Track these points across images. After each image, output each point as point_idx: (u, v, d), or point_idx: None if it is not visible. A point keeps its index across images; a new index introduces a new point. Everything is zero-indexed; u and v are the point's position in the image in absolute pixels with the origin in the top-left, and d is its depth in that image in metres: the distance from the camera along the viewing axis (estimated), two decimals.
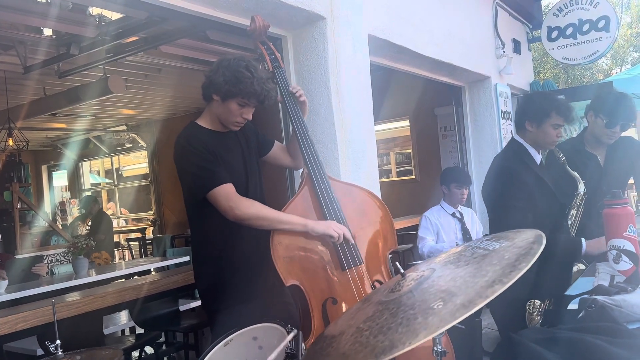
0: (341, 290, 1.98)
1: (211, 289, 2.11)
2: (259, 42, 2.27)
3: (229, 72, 1.97)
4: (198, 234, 2.16)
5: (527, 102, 2.55)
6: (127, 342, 3.54)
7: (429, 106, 7.16)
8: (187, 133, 2.08)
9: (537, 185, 2.42)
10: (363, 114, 3.33)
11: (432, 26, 4.33)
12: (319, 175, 2.07)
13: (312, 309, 1.95)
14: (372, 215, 2.18)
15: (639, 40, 16.01)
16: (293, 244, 1.98)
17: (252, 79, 1.96)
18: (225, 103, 2.02)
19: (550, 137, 2.43)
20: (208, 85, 2.04)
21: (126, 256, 10.18)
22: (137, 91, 6.78)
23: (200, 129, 2.10)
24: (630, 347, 1.04)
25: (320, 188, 2.05)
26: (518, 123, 2.54)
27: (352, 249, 2.02)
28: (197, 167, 1.98)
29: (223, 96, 2.01)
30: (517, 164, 2.43)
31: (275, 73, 2.22)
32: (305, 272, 1.98)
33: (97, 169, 12.58)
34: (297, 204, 2.05)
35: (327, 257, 2.01)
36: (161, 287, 3.27)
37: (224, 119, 2.07)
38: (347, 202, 2.10)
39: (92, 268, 5.00)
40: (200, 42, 4.74)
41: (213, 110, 2.08)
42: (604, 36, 6.15)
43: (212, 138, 2.07)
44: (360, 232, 2.09)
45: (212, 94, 2.03)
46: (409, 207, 6.57)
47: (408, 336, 0.84)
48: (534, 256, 0.96)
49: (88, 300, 2.81)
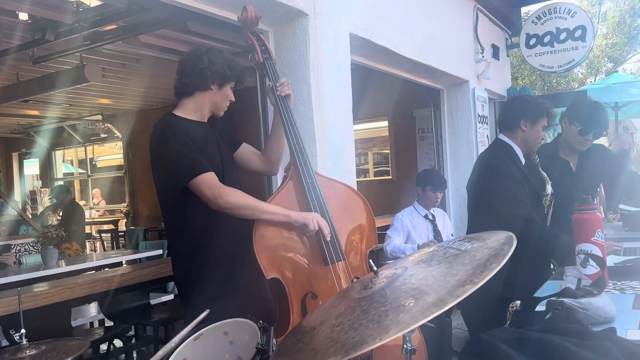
0: (322, 285, 1.98)
1: (189, 282, 2.08)
2: (250, 33, 2.24)
3: (219, 60, 2.06)
4: (174, 226, 2.11)
5: (524, 103, 2.61)
6: (95, 335, 3.49)
7: (407, 108, 7.22)
8: (167, 120, 2.05)
9: (526, 185, 2.49)
10: (342, 112, 3.34)
11: (413, 28, 4.36)
12: (306, 169, 2.06)
13: (291, 303, 1.95)
14: (355, 213, 2.18)
15: (613, 50, 16.40)
16: (276, 237, 1.97)
17: (233, 61, 2.10)
18: (223, 89, 2.09)
19: (539, 138, 2.56)
20: (203, 79, 2.05)
21: (97, 248, 10.02)
22: (114, 80, 6.67)
23: (178, 118, 2.07)
24: (596, 349, 1.07)
25: (306, 182, 2.04)
26: (511, 123, 2.58)
27: (335, 245, 2.01)
28: (179, 154, 1.95)
29: (221, 83, 2.08)
30: (509, 163, 2.51)
31: (265, 64, 2.20)
32: (286, 266, 1.97)
33: (70, 159, 12.35)
34: (283, 197, 2.04)
35: (310, 251, 2.00)
36: (132, 280, 3.23)
37: (219, 107, 2.12)
38: (332, 198, 2.10)
39: (62, 259, 4.90)
40: (180, 33, 4.68)
41: (208, 99, 2.09)
42: (580, 45, 6.28)
43: (192, 127, 2.06)
44: (344, 228, 2.09)
45: (211, 84, 2.06)
46: (385, 207, 6.61)
47: (379, 332, 0.85)
48: (504, 257, 0.97)
49: (56, 291, 2.76)
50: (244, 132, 3.86)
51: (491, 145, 2.74)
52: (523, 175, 2.51)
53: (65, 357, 1.83)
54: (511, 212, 2.39)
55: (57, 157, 11.19)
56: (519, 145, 2.57)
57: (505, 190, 2.43)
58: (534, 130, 2.54)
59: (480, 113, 5.83)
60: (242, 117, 5.90)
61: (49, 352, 1.87)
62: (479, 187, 2.60)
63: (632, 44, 16.85)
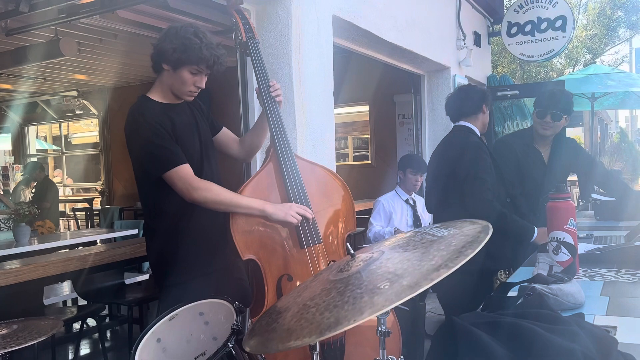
0: (297, 268, 1.98)
1: (164, 263, 2.06)
2: (234, 10, 2.20)
3: (177, 39, 1.92)
4: (150, 204, 2.08)
5: (479, 91, 2.90)
6: (68, 314, 3.46)
7: (388, 93, 7.22)
8: (140, 107, 1.99)
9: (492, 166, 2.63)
10: (323, 95, 3.32)
11: (396, 12, 4.34)
12: (286, 152, 2.05)
13: (267, 284, 1.95)
14: (334, 196, 2.18)
15: (592, 42, 16.61)
16: (252, 218, 1.96)
17: (200, 44, 1.92)
18: (177, 72, 1.96)
19: (487, 122, 2.86)
20: (157, 55, 1.97)
21: (72, 226, 9.87)
22: (90, 56, 6.51)
23: (152, 103, 2.02)
24: (565, 333, 1.09)
25: (285, 165, 2.03)
26: (474, 109, 2.80)
27: (312, 228, 2.01)
28: (153, 146, 1.92)
29: (173, 65, 1.95)
30: (481, 144, 2.71)
31: (249, 44, 2.17)
32: (263, 247, 1.97)
33: (44, 135, 12.07)
34: (261, 180, 2.03)
35: (286, 234, 2.00)
36: (107, 259, 3.20)
37: (177, 90, 2.01)
38: (311, 181, 2.09)
39: (35, 236, 4.82)
40: (159, 10, 4.57)
41: (164, 81, 2.02)
42: (560, 36, 6.34)
43: (166, 112, 2.00)
44: (322, 212, 2.09)
45: (162, 63, 1.97)
46: (364, 192, 6.64)
47: (353, 314, 0.85)
48: (480, 244, 0.98)
49: (29, 269, 2.71)
50: (224, 113, 3.82)
51: (457, 130, 2.85)
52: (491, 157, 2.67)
53: (38, 336, 1.81)
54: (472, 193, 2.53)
55: (31, 132, 10.92)
56: (479, 128, 2.82)
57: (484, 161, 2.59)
58: (486, 116, 2.85)
59: None
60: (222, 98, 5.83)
61: (20, 331, 1.84)
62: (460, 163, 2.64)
63: (610, 36, 17.09)
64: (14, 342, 1.74)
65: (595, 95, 8.18)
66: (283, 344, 0.92)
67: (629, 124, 26.07)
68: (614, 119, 23.48)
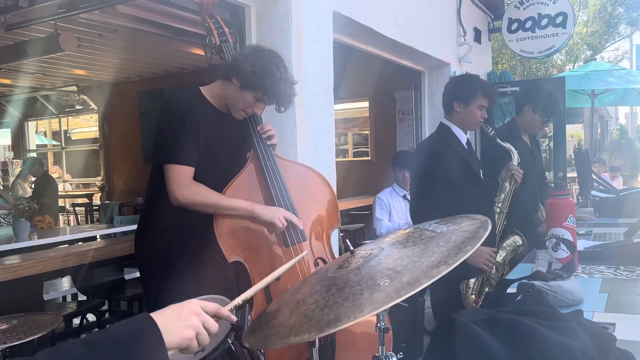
0: None
1: (154, 260, 2.07)
2: (207, 15, 2.22)
3: (260, 63, 1.91)
4: (155, 202, 2.08)
5: (456, 85, 2.67)
6: (68, 309, 3.46)
7: (388, 89, 7.21)
8: (182, 94, 1.99)
9: (460, 166, 2.54)
10: (324, 91, 3.32)
11: (397, 8, 4.33)
12: (265, 152, 2.04)
13: (254, 285, 1.94)
14: (316, 194, 2.18)
15: (593, 38, 16.57)
16: (237, 220, 1.96)
17: (279, 78, 1.93)
18: (243, 91, 1.95)
19: (476, 118, 2.58)
20: (232, 67, 1.97)
21: (71, 221, 9.87)
22: (90, 51, 6.50)
23: (201, 98, 2.02)
24: (563, 330, 1.10)
25: (266, 165, 2.03)
26: (446, 105, 2.65)
27: (296, 226, 2.01)
28: (171, 134, 1.91)
29: (243, 84, 1.94)
30: (442, 146, 2.56)
31: (222, 47, 2.18)
32: (248, 248, 1.97)
33: (43, 130, 12.06)
34: (242, 181, 2.02)
35: (271, 233, 2.00)
36: (107, 255, 3.20)
37: (233, 105, 2.00)
38: (292, 180, 2.08)
39: (34, 232, 4.82)
40: (159, 5, 4.56)
41: (226, 90, 2.00)
42: (561, 32, 6.32)
43: (208, 113, 2.00)
44: (305, 210, 2.08)
45: (234, 77, 1.96)
46: (363, 188, 6.64)
47: (353, 310, 0.86)
48: (479, 240, 0.99)
49: (29, 264, 2.71)
50: None
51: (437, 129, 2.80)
52: (459, 158, 2.56)
53: (38, 331, 1.82)
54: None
55: (30, 127, 10.91)
56: (457, 125, 2.62)
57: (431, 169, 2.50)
58: (467, 111, 2.57)
59: None
60: None
61: (20, 326, 1.85)
62: (416, 168, 2.66)
63: (611, 33, 17.05)
64: (14, 337, 1.74)
65: (595, 92, 8.17)
66: (282, 340, 0.92)
67: (629, 120, 26.07)
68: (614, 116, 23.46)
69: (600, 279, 1.78)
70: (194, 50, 6.72)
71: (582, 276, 1.82)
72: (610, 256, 2.02)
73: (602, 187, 3.94)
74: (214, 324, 0.96)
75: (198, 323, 0.93)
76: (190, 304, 0.96)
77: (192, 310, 0.94)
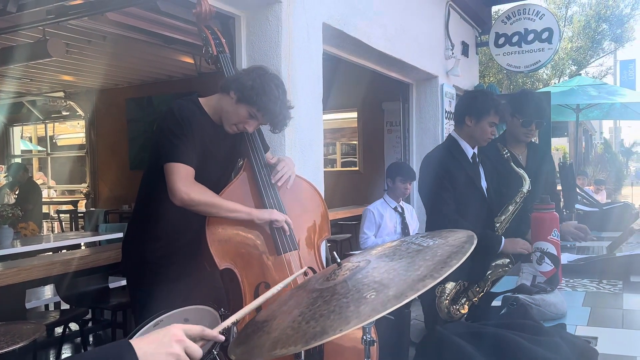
0: (275, 275, 1.98)
1: (143, 268, 2.06)
2: (204, 26, 2.23)
3: (259, 80, 1.94)
4: (145, 209, 2.08)
5: (470, 99, 2.67)
6: (50, 318, 3.41)
7: (377, 100, 7.26)
8: (184, 103, 2.00)
9: (464, 181, 2.57)
10: (313, 102, 3.34)
11: (386, 21, 4.37)
12: (259, 162, 2.07)
13: (244, 293, 1.95)
14: (308, 203, 2.20)
15: (578, 54, 16.86)
16: (229, 228, 1.96)
17: (277, 98, 1.95)
18: (238, 105, 1.96)
19: (486, 134, 2.59)
20: (233, 81, 1.98)
21: (55, 228, 9.74)
22: (78, 57, 6.47)
23: (200, 109, 2.03)
24: (547, 344, 1.11)
25: (260, 175, 2.05)
26: (458, 118, 2.66)
27: (288, 234, 2.03)
28: (173, 135, 1.92)
29: (240, 98, 1.95)
30: (447, 158, 2.59)
31: (219, 57, 2.19)
32: (239, 256, 1.97)
33: (29, 135, 11.93)
34: (235, 189, 2.03)
35: (262, 241, 2.01)
36: (91, 263, 3.17)
37: (226, 118, 2.01)
38: (285, 189, 2.10)
39: (17, 239, 4.75)
40: (149, 13, 4.56)
41: (222, 103, 2.02)
42: (547, 47, 6.44)
43: (206, 125, 2.01)
44: (297, 219, 2.10)
45: (232, 90, 1.97)
46: (351, 198, 6.66)
47: (340, 323, 0.86)
48: (465, 254, 1.00)
49: (12, 272, 2.68)
50: None
51: (442, 142, 2.83)
52: (464, 172, 2.58)
53: (20, 341, 1.79)
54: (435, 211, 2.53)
55: (15, 133, 10.79)
56: (466, 140, 2.63)
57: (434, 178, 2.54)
58: (479, 127, 2.57)
59: (447, 109, 5.92)
60: None
61: (2, 335, 1.82)
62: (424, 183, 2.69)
63: (595, 48, 17.37)
64: None
65: (580, 107, 8.30)
66: (269, 352, 0.92)
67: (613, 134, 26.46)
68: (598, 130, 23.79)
69: (583, 292, 1.80)
70: (183, 58, 6.72)
71: (566, 289, 1.84)
72: (593, 270, 2.04)
73: (586, 200, 4.00)
74: (197, 350, 0.94)
75: (180, 351, 0.91)
76: (172, 330, 0.94)
77: (174, 336, 0.92)
